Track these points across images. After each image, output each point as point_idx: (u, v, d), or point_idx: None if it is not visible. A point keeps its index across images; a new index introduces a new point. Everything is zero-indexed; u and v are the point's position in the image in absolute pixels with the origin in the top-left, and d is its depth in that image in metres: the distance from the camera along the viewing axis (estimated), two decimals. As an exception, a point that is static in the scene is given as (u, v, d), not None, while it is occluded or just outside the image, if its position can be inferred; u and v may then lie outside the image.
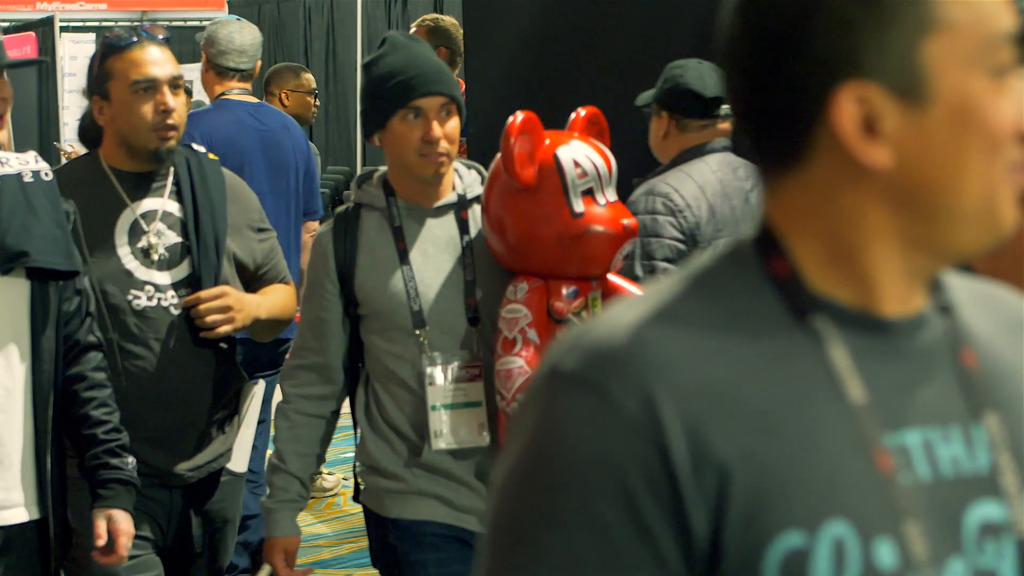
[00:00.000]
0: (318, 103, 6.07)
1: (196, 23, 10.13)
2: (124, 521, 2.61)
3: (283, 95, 5.74)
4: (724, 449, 0.91)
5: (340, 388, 2.77)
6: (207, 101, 5.16)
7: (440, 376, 2.61)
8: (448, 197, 2.71)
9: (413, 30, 5.43)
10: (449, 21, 5.48)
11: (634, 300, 0.99)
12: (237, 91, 4.62)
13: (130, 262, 2.84)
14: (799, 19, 0.94)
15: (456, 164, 2.76)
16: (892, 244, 0.97)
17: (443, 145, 2.60)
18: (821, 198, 0.97)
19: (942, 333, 1.02)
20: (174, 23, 7.73)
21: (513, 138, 2.51)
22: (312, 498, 5.72)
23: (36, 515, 2.56)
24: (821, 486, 0.92)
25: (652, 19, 4.27)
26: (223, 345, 2.92)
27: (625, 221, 2.55)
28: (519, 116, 2.53)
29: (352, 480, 5.73)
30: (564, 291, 2.56)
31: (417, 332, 2.62)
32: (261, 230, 3.07)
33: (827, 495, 0.92)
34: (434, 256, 2.68)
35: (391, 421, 2.68)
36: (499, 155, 2.60)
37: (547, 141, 2.57)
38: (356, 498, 2.84)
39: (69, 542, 2.65)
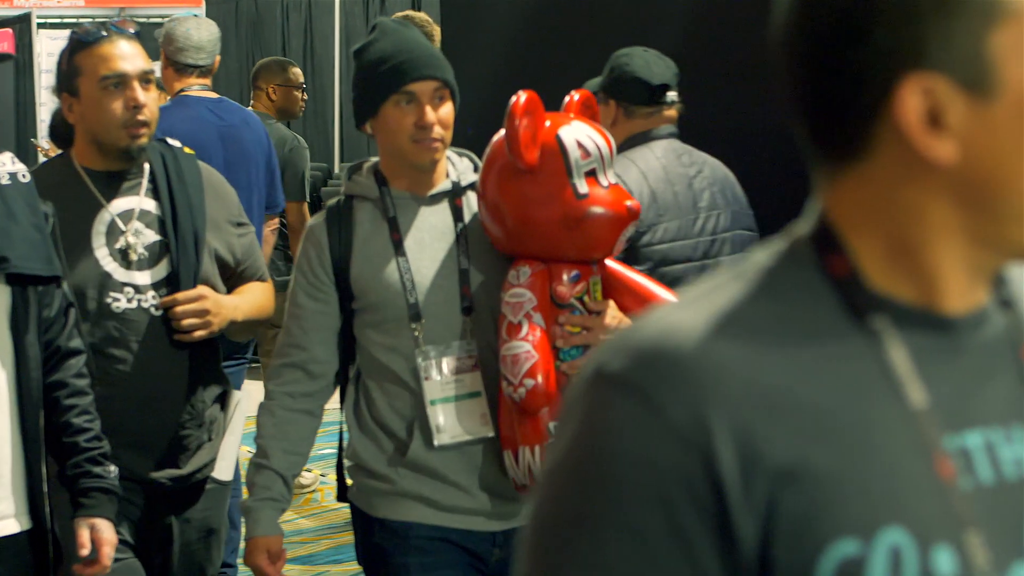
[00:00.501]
0: (305, 97, 6.14)
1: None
2: (107, 530, 2.56)
3: (270, 89, 5.85)
4: (777, 457, 0.88)
5: (327, 385, 2.70)
6: None
7: (436, 370, 2.56)
8: (442, 185, 2.67)
9: None
10: (421, 17, 5.51)
11: (683, 299, 0.96)
12: (197, 87, 4.65)
13: (108, 264, 2.77)
14: (862, 8, 0.91)
15: (448, 152, 2.70)
16: (955, 240, 0.94)
17: (437, 131, 2.55)
18: (882, 193, 0.94)
19: (1003, 329, 0.99)
20: (152, 19, 7.72)
21: (518, 118, 2.45)
22: (290, 494, 5.75)
23: (27, 526, 2.51)
24: (878, 492, 0.89)
25: (630, 18, 4.29)
26: (206, 347, 2.85)
27: (628, 203, 2.51)
28: (522, 96, 2.47)
29: (332, 477, 5.72)
30: (566, 275, 2.53)
31: (413, 326, 2.57)
32: (240, 224, 3.00)
33: (884, 502, 0.89)
34: (429, 245, 2.63)
35: (380, 419, 2.62)
36: (496, 137, 2.57)
37: (547, 122, 2.52)
38: (341, 496, 2.80)
39: (62, 553, 2.58)
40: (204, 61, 4.67)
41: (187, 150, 2.95)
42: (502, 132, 2.55)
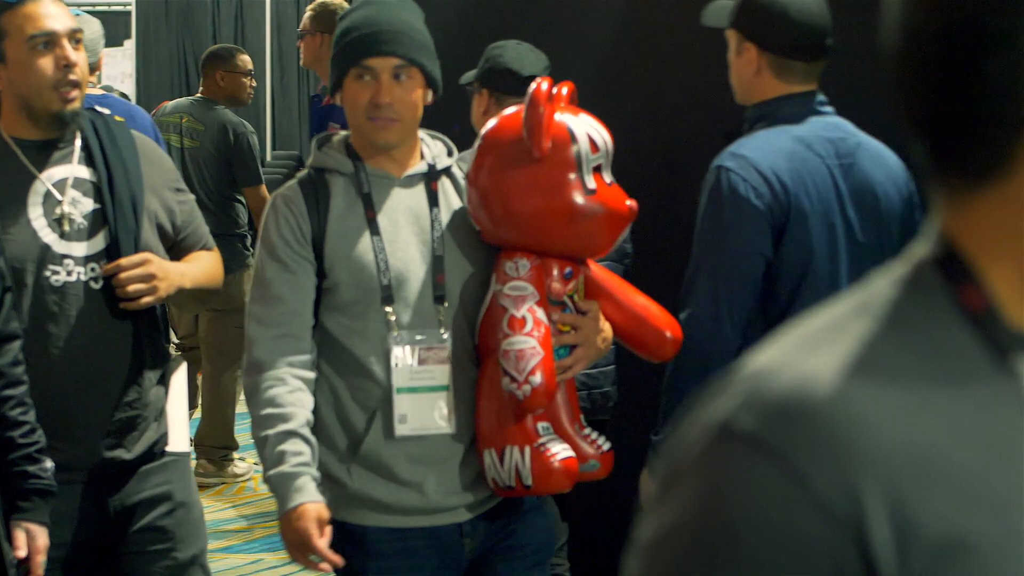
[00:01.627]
0: (254, 84, 6.23)
1: (105, 7, 10.05)
2: (41, 537, 2.45)
3: (218, 76, 5.98)
4: (933, 528, 0.75)
5: (315, 360, 2.52)
6: (115, 86, 5.20)
7: (406, 358, 2.46)
8: (418, 166, 2.57)
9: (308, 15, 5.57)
10: (337, 4, 5.56)
11: (802, 339, 0.82)
12: None
13: (47, 235, 2.62)
14: (1007, 9, 0.78)
15: (421, 134, 2.61)
16: None
17: (393, 109, 2.45)
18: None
19: None
20: (83, 6, 7.68)
21: (542, 105, 2.36)
22: (223, 483, 5.76)
23: None
24: None
25: (576, 16, 4.34)
26: (149, 323, 2.71)
27: (629, 203, 2.43)
28: (544, 83, 2.39)
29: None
30: (560, 271, 2.47)
31: (386, 309, 2.46)
32: (179, 190, 2.86)
33: None
34: (404, 228, 2.52)
35: (339, 411, 2.50)
36: (493, 123, 2.51)
37: (558, 114, 2.44)
38: None
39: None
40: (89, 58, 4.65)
41: (117, 118, 2.84)
42: (500, 117, 2.51)
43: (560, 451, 2.41)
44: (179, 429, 2.84)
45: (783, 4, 2.75)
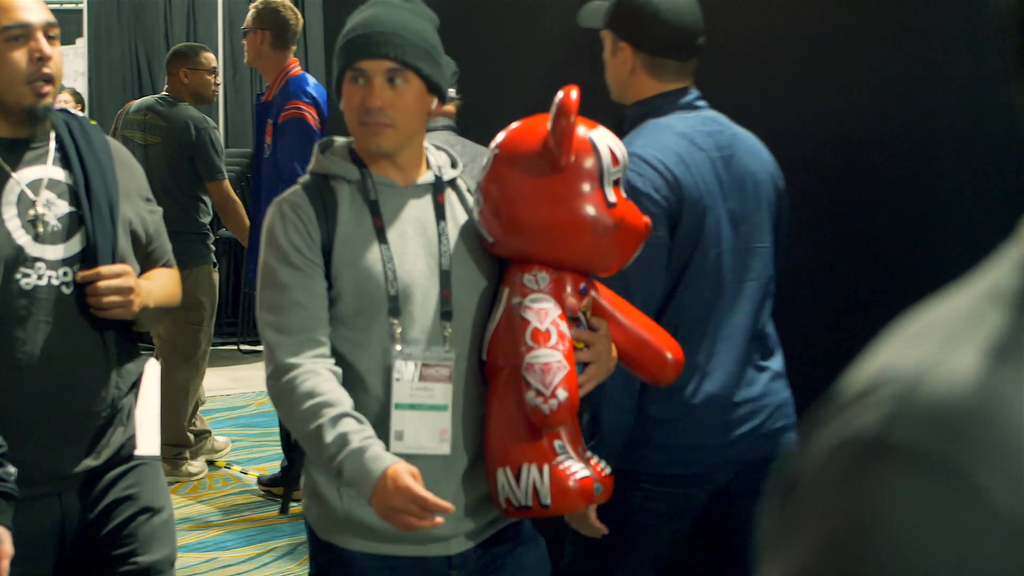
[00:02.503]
0: (219, 81, 6.30)
1: (57, 5, 9.99)
2: (6, 541, 2.35)
3: (182, 74, 6.04)
4: None
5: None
6: (67, 84, 5.20)
7: (408, 373, 2.36)
8: (424, 177, 2.49)
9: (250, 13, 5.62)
10: (279, 3, 5.61)
11: (934, 334, 0.71)
12: None
13: (21, 236, 2.52)
14: None
15: (426, 143, 2.54)
16: None
17: (385, 114, 2.36)
18: None
19: None
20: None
21: (571, 114, 2.29)
22: (177, 482, 5.76)
23: None
24: None
25: (517, 16, 4.36)
26: (121, 328, 2.64)
27: (646, 219, 2.41)
28: (572, 92, 2.31)
29: (221, 463, 5.75)
30: (577, 286, 2.41)
31: (392, 321, 2.36)
32: (149, 200, 2.79)
33: None
34: (411, 239, 2.43)
35: None
36: (507, 132, 2.44)
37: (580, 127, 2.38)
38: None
39: None
40: None
41: (92, 121, 2.73)
42: (515, 126, 2.44)
43: (578, 470, 2.35)
44: (148, 432, 2.73)
45: (655, 5, 2.86)
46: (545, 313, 2.31)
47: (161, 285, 2.73)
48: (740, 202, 2.89)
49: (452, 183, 2.54)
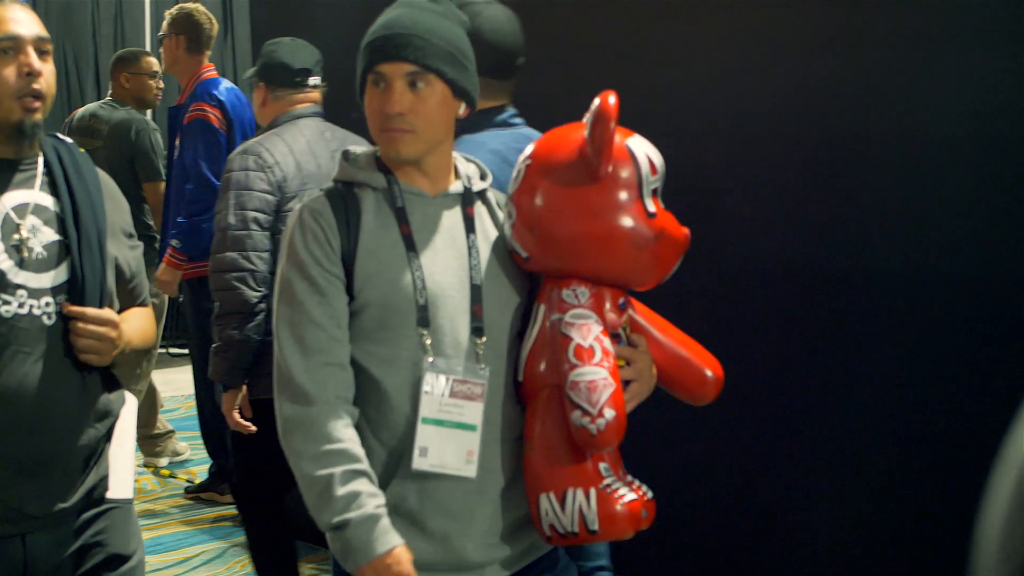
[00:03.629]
0: (161, 85, 6.34)
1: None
2: None
3: (123, 79, 6.11)
4: None
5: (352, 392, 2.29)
6: None
7: (439, 386, 2.23)
8: (454, 186, 2.38)
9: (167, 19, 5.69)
10: (193, 7, 5.70)
11: None
12: None
13: (3, 261, 2.39)
14: None
15: (455, 154, 2.43)
16: None
17: (405, 120, 2.24)
18: None
19: None
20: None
21: (612, 120, 2.17)
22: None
23: None
24: None
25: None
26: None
27: (686, 231, 2.27)
28: (611, 97, 2.19)
29: (149, 469, 5.66)
30: (616, 301, 2.30)
31: (421, 331, 2.24)
32: (131, 236, 2.64)
33: None
34: (441, 251, 2.31)
35: (368, 444, 2.26)
36: (542, 139, 2.33)
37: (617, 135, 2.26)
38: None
39: None
40: None
41: (81, 149, 2.60)
42: (548, 135, 2.34)
43: (626, 494, 2.22)
44: (122, 474, 2.59)
45: (476, 26, 2.89)
46: (588, 329, 2.19)
47: (140, 328, 2.60)
48: None
49: (482, 195, 2.42)
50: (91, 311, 2.39)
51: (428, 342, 2.23)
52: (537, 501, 2.24)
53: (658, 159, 2.25)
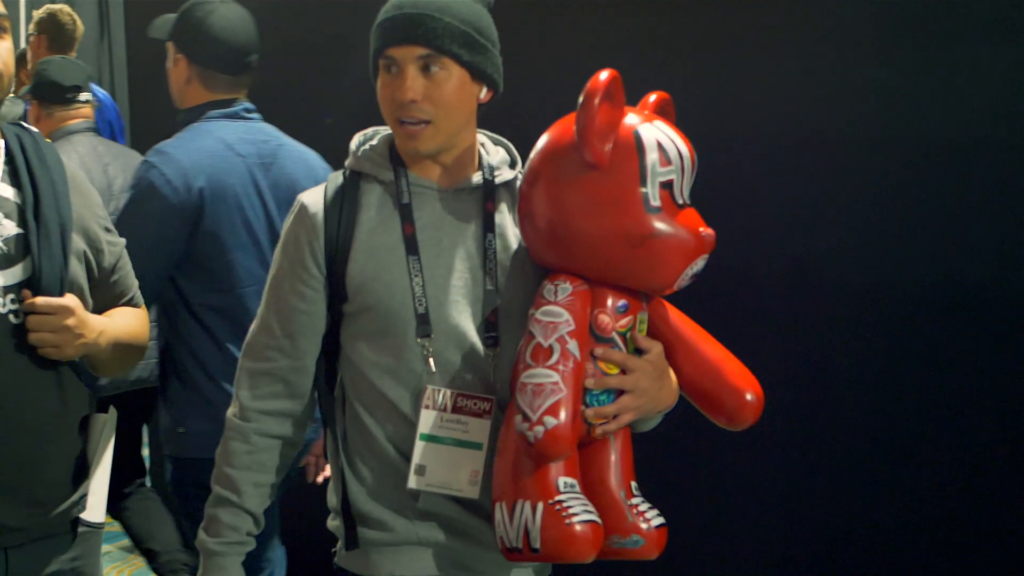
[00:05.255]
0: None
1: None
2: None
3: (23, 75, 6.21)
4: None
5: (309, 405, 2.20)
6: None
7: (439, 401, 2.07)
8: (472, 178, 2.16)
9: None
10: (58, 8, 5.78)
11: None
12: None
13: None
14: None
15: (481, 138, 2.21)
16: None
17: (420, 109, 2.04)
18: None
19: None
20: None
21: (597, 99, 1.94)
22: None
23: None
24: None
25: (328, 20, 4.35)
26: (72, 368, 2.33)
27: (703, 230, 2.01)
28: (603, 73, 1.95)
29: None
30: (613, 303, 2.05)
31: (421, 341, 2.07)
32: (109, 230, 2.44)
33: None
34: (449, 251, 2.11)
35: (377, 452, 2.12)
36: (557, 124, 2.09)
37: (628, 116, 2.03)
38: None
39: None
40: None
41: (47, 139, 2.43)
42: (563, 120, 2.08)
43: (580, 512, 1.95)
44: (99, 495, 2.42)
45: (210, 23, 3.15)
46: (552, 328, 1.98)
47: (123, 324, 2.42)
48: (280, 207, 3.16)
49: (508, 185, 2.20)
50: (40, 300, 2.18)
51: (429, 352, 2.07)
52: (494, 509, 2.03)
53: (674, 149, 2.01)
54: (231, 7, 3.22)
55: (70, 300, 2.21)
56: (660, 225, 1.98)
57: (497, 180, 2.18)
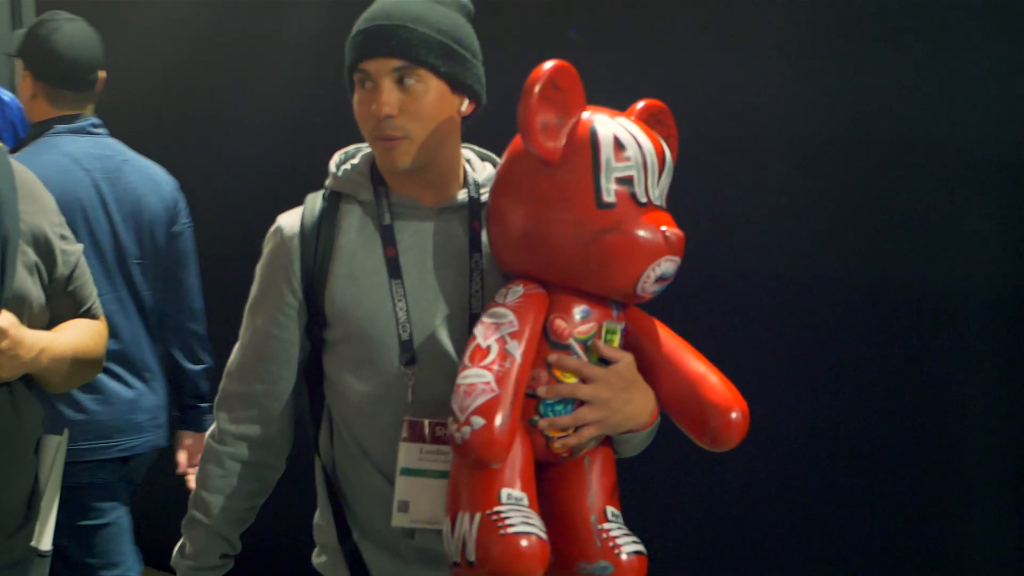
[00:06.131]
0: None
1: None
2: None
3: None
4: None
5: (284, 432, 2.11)
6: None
7: (420, 433, 1.97)
8: (457, 196, 2.06)
9: None
10: None
11: None
12: None
13: None
14: None
15: (468, 154, 2.13)
16: None
17: (394, 125, 1.94)
18: None
19: None
20: None
21: (537, 87, 1.82)
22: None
23: None
24: None
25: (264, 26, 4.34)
26: (24, 383, 2.24)
27: (666, 229, 1.86)
28: (548, 64, 1.84)
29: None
30: (573, 308, 1.91)
31: (405, 370, 1.97)
32: (64, 238, 2.34)
33: None
34: (433, 272, 2.01)
35: (369, 485, 2.04)
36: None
37: (588, 113, 1.91)
38: None
39: None
40: None
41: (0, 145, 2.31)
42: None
43: (519, 523, 1.78)
44: (49, 523, 2.33)
45: (54, 40, 3.25)
46: (494, 328, 1.84)
47: (71, 339, 2.31)
48: (125, 218, 3.26)
49: None
50: None
51: (411, 383, 1.97)
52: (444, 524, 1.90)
53: (633, 144, 1.88)
54: (76, 25, 3.32)
55: (5, 317, 2.10)
56: (612, 222, 1.85)
57: (483, 197, 2.07)
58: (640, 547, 1.94)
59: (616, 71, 3.29)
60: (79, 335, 2.33)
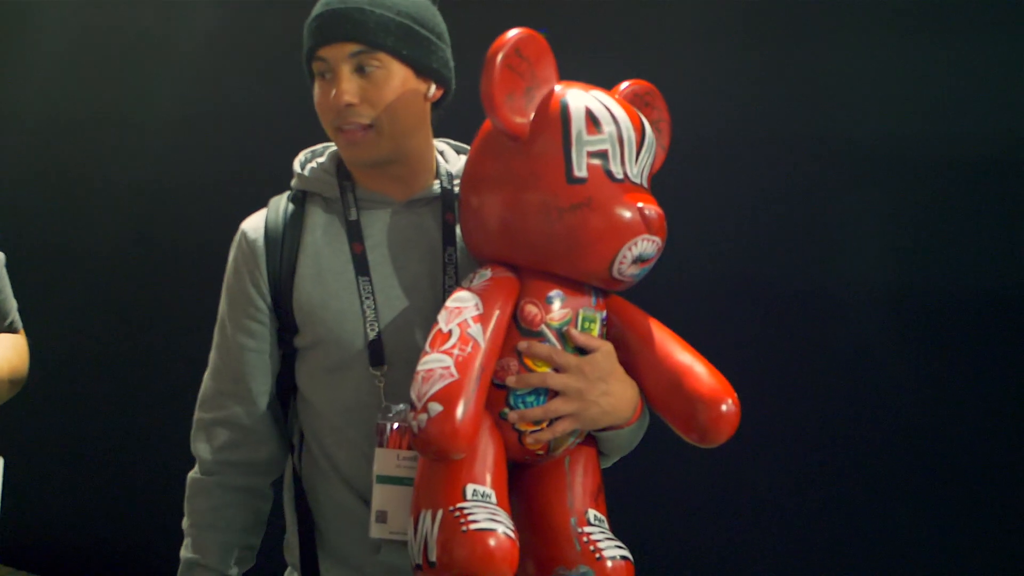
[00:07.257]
0: None
1: None
2: None
3: None
4: None
5: (275, 451, 1.99)
6: None
7: (396, 436, 1.85)
8: (428, 188, 1.97)
9: None
10: None
11: None
12: None
13: None
14: None
15: (440, 145, 2.04)
16: None
17: (358, 112, 1.84)
18: None
19: None
20: None
21: (499, 56, 1.70)
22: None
23: None
24: None
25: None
26: None
27: (643, 206, 1.72)
28: (512, 32, 1.72)
29: None
30: (545, 293, 1.78)
31: (374, 372, 1.86)
32: None
33: None
34: (404, 268, 1.91)
35: (339, 501, 1.93)
36: None
37: (559, 87, 1.79)
38: None
39: None
40: None
41: None
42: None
43: (483, 520, 1.63)
44: None
45: None
46: (456, 312, 1.71)
47: (3, 357, 2.22)
48: None
49: None
50: None
51: (381, 384, 1.86)
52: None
53: (608, 117, 1.76)
54: None
55: None
56: (582, 197, 1.72)
57: (456, 189, 1.96)
58: (625, 552, 1.79)
59: (602, 66, 3.26)
60: (6, 353, 2.23)
